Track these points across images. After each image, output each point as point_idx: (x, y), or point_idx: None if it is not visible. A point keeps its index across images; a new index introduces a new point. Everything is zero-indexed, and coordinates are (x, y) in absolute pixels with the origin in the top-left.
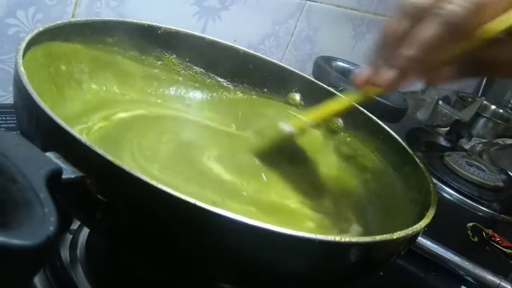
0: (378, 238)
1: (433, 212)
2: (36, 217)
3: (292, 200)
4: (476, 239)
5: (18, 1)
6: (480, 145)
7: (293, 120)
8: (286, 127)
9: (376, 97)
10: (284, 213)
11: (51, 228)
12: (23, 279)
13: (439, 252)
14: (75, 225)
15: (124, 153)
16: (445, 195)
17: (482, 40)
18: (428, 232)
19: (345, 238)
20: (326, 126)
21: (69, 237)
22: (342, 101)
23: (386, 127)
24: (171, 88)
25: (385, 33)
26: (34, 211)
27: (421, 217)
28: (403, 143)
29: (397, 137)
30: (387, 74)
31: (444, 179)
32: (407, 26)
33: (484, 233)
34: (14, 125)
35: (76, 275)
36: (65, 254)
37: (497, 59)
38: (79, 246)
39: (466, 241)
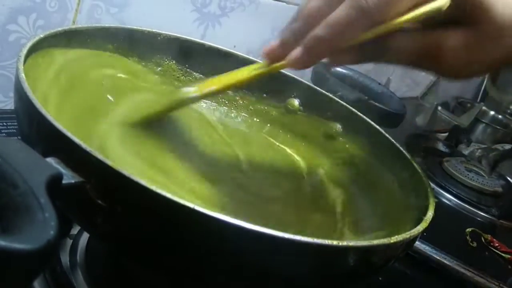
0: (375, 242)
1: (431, 217)
2: (37, 221)
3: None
4: (475, 244)
5: (19, 8)
6: (479, 150)
7: (194, 84)
8: (191, 91)
9: (375, 103)
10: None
11: (52, 232)
12: (24, 283)
13: (438, 257)
14: (75, 230)
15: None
16: (444, 200)
17: (390, 30)
18: (427, 237)
19: (343, 242)
20: (324, 131)
21: (69, 241)
22: (247, 71)
23: (384, 132)
24: None
25: (300, 11)
26: (34, 216)
27: (418, 221)
28: (401, 149)
29: (395, 142)
30: (294, 51)
31: (443, 185)
32: (323, 5)
33: (483, 239)
34: (14, 130)
35: (76, 280)
36: (65, 258)
37: (398, 47)
38: (79, 251)
39: (465, 246)
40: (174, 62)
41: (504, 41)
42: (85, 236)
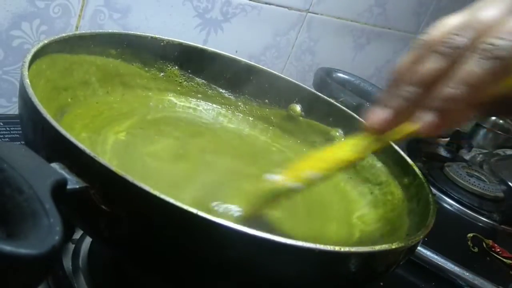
0: (377, 248)
1: (432, 223)
2: (42, 227)
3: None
4: (476, 249)
5: (23, 13)
6: (481, 155)
7: (287, 170)
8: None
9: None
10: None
11: (56, 237)
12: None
13: (440, 263)
14: (78, 234)
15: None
16: (446, 205)
17: None
18: (428, 242)
19: (345, 248)
20: (325, 136)
21: (71, 246)
22: (354, 148)
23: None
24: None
25: (402, 74)
26: (40, 221)
27: (420, 227)
28: (403, 154)
29: (396, 148)
30: (426, 117)
31: (445, 190)
32: (441, 65)
33: (484, 244)
34: (18, 135)
35: (78, 285)
36: (67, 263)
37: None
38: (81, 255)
39: (466, 251)
40: (176, 67)
41: None
42: (88, 240)
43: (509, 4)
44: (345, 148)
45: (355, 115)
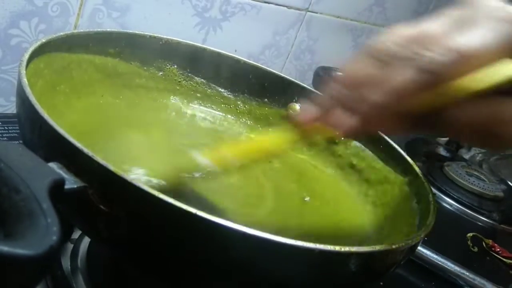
0: (377, 247)
1: (433, 222)
2: (39, 227)
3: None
4: (476, 249)
5: (21, 12)
6: (480, 155)
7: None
8: (201, 159)
9: None
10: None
11: (54, 238)
12: None
13: (439, 262)
14: (76, 234)
15: None
16: (445, 205)
17: (458, 97)
18: (428, 242)
19: (345, 248)
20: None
21: (70, 246)
22: (276, 139)
23: (385, 136)
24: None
25: (347, 74)
26: (37, 221)
27: (420, 226)
28: (403, 153)
29: (396, 146)
30: (348, 119)
31: (444, 189)
32: (374, 71)
33: (484, 243)
34: (16, 134)
35: (77, 285)
36: (66, 263)
37: (455, 119)
38: (80, 255)
39: (466, 251)
40: (175, 66)
41: None
42: (86, 240)
43: (456, 20)
44: (269, 139)
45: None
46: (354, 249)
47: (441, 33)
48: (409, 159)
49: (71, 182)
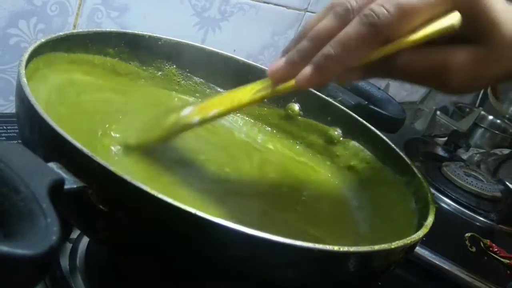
0: (376, 247)
1: (431, 222)
2: (39, 227)
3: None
4: (474, 249)
5: (20, 11)
6: (478, 155)
7: (196, 107)
8: (191, 115)
9: (375, 108)
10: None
11: (54, 238)
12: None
13: (438, 262)
14: (75, 234)
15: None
16: (443, 205)
17: (401, 48)
18: (426, 242)
19: (344, 248)
20: (324, 135)
21: (68, 246)
22: (250, 91)
23: (384, 137)
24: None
25: (307, 28)
26: (37, 221)
27: (419, 226)
28: (401, 153)
29: (394, 147)
30: (304, 71)
31: (442, 189)
32: (333, 24)
33: (482, 243)
34: (15, 134)
35: (76, 285)
36: (64, 263)
37: (405, 65)
38: (78, 255)
39: (464, 251)
40: (174, 66)
41: (509, 57)
42: (85, 240)
43: None
44: (244, 91)
45: (353, 114)
46: (352, 248)
47: None
48: (407, 159)
49: (71, 182)
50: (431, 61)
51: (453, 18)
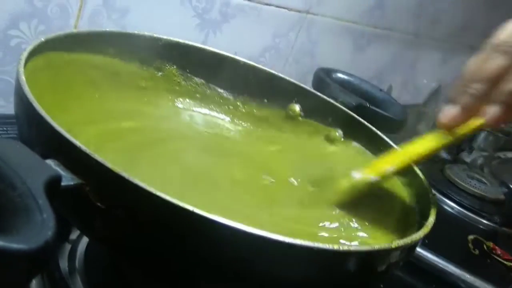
0: (377, 247)
1: (432, 222)
2: (35, 222)
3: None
4: (477, 251)
5: (20, 13)
6: (481, 158)
7: (369, 167)
8: (362, 175)
9: (377, 109)
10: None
11: (49, 233)
12: (21, 283)
13: (440, 265)
14: (74, 235)
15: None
16: (446, 207)
17: None
18: (429, 244)
19: (344, 247)
20: (325, 136)
21: (67, 247)
22: (427, 144)
23: (385, 137)
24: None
25: (477, 70)
26: (32, 217)
27: (420, 227)
28: None
29: (396, 147)
30: (492, 109)
31: (445, 192)
32: (505, 63)
33: (485, 246)
34: (15, 135)
35: (75, 286)
36: (63, 264)
37: None
38: (77, 256)
39: (467, 253)
40: (175, 67)
41: None
42: (84, 241)
43: None
44: (420, 144)
45: (354, 115)
46: (353, 248)
47: None
48: None
49: (68, 179)
50: None
51: None
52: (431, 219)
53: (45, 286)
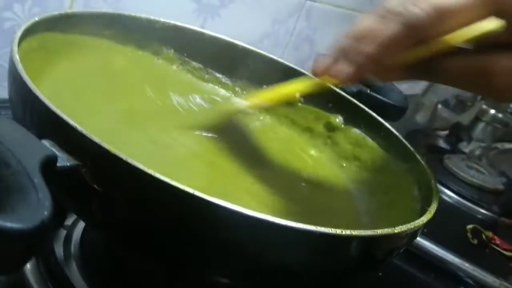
0: (379, 231)
1: (435, 208)
2: (31, 201)
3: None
4: (476, 241)
5: None
6: (480, 149)
7: (248, 99)
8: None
9: (377, 95)
10: None
11: (46, 212)
12: (18, 263)
13: (439, 254)
14: (70, 220)
15: None
16: (445, 197)
17: (440, 50)
18: (428, 234)
19: (346, 231)
20: (325, 122)
21: (63, 232)
22: (297, 86)
23: (386, 124)
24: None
25: (352, 29)
26: (28, 196)
27: (422, 213)
28: (404, 140)
29: (397, 134)
30: (344, 68)
31: (444, 182)
32: (372, 24)
33: (484, 236)
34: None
35: (70, 271)
36: (59, 249)
37: (447, 69)
38: (73, 241)
39: (466, 243)
40: (172, 51)
41: None
42: (80, 227)
43: None
44: (293, 85)
45: (355, 101)
46: (355, 232)
47: None
48: (410, 146)
49: (64, 160)
50: (474, 66)
51: (495, 23)
52: (434, 205)
53: (40, 271)
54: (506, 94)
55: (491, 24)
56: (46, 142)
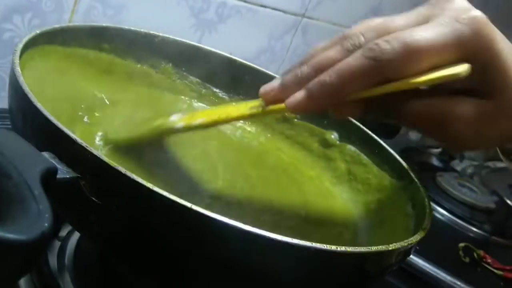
0: (373, 248)
1: (428, 225)
2: (31, 213)
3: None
4: (467, 259)
5: (14, 6)
6: (472, 167)
7: (185, 115)
8: (177, 121)
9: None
10: None
11: (46, 224)
12: (16, 274)
13: (431, 271)
14: (64, 232)
15: None
16: (437, 215)
17: (400, 89)
18: (419, 251)
19: (341, 247)
20: (320, 139)
21: (57, 244)
22: (242, 108)
23: (381, 141)
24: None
25: (311, 55)
26: (29, 207)
27: (416, 231)
28: (398, 157)
29: (392, 151)
30: (296, 94)
31: (436, 199)
32: (337, 55)
33: (475, 254)
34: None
35: (64, 283)
36: (53, 261)
37: (405, 109)
38: (67, 253)
39: (457, 261)
40: (170, 65)
41: None
42: (74, 238)
43: (421, 16)
44: (236, 107)
45: (350, 118)
46: (350, 249)
47: (401, 26)
48: (404, 163)
49: (63, 172)
50: (433, 110)
51: (462, 67)
52: (427, 222)
53: (34, 283)
54: (463, 143)
55: (457, 68)
56: (46, 154)
